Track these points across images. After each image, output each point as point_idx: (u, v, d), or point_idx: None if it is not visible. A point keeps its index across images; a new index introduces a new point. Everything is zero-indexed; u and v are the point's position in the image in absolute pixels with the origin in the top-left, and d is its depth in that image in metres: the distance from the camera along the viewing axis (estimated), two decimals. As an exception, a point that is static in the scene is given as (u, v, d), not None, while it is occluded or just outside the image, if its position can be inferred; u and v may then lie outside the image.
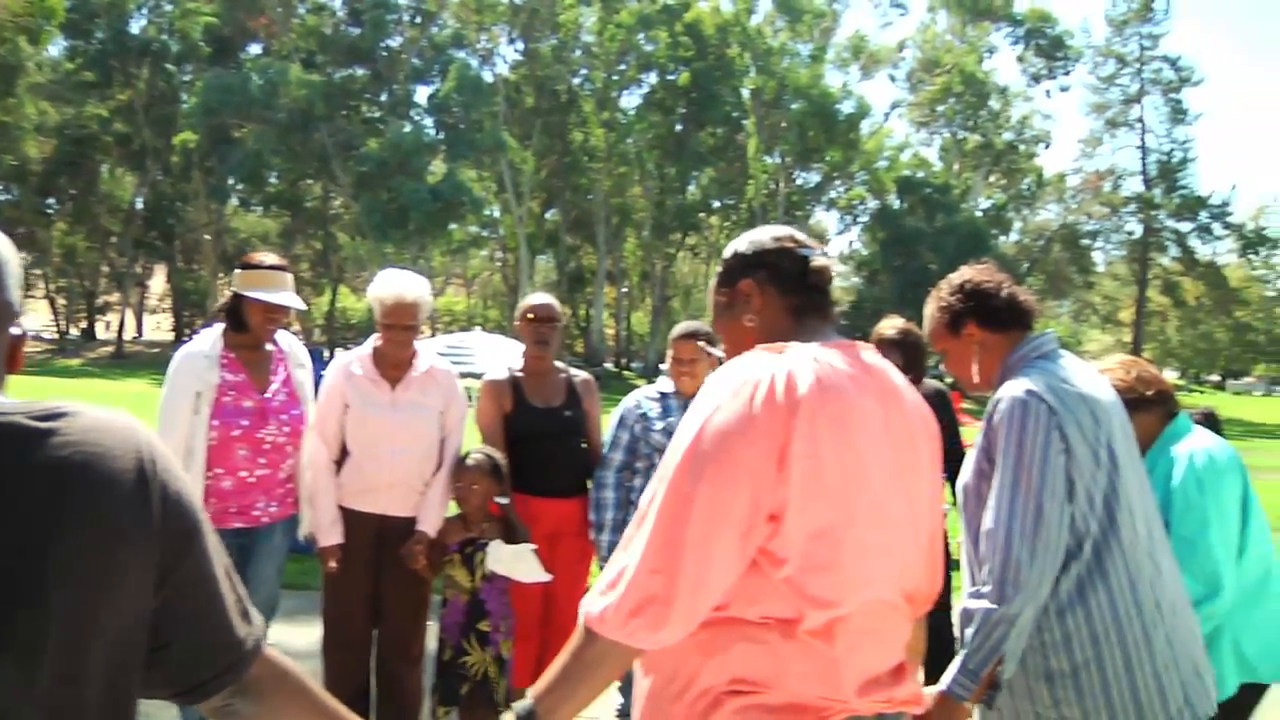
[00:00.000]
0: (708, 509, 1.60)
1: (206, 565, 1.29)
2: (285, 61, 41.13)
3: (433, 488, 4.03)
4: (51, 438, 1.14)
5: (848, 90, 48.67)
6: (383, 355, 4.02)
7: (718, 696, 1.68)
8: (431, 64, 44.81)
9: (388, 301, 3.90)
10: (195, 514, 1.28)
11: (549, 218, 50.96)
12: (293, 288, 3.91)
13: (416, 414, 4.00)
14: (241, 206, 50.99)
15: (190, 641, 1.27)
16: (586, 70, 47.52)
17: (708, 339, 4.19)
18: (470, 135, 41.17)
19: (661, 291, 51.67)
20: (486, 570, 3.96)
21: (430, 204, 38.25)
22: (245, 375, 3.81)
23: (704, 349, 4.04)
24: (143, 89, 44.85)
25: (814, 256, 1.92)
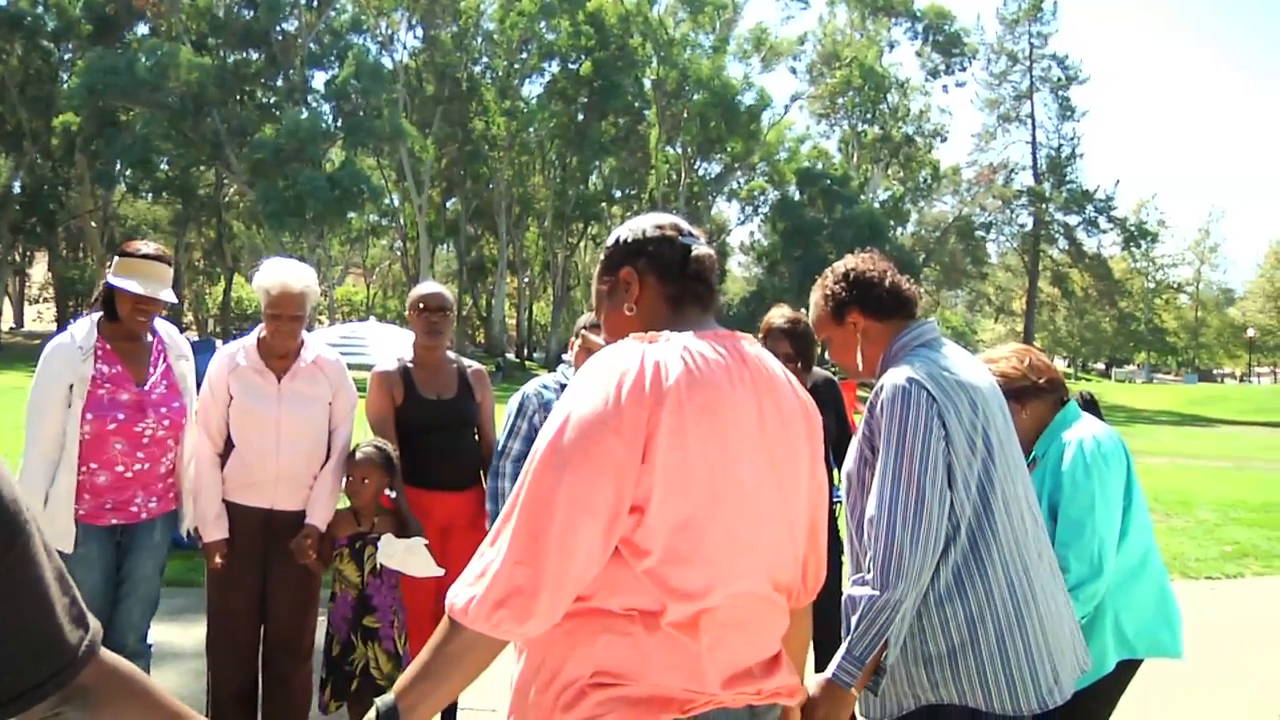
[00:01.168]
0: (571, 500, 1.59)
1: (32, 572, 1.22)
2: (175, 43, 39.89)
3: (321, 480, 3.95)
4: None
5: (749, 82, 49.19)
6: (268, 346, 3.92)
7: (582, 688, 1.67)
8: (329, 49, 44.02)
9: (273, 291, 3.81)
10: (18, 518, 1.21)
11: (450, 207, 50.47)
12: (168, 280, 3.78)
13: (303, 405, 3.92)
14: (130, 193, 49.44)
15: (10, 649, 1.20)
16: (488, 58, 47.20)
17: None
18: (369, 123, 40.51)
19: (563, 281, 51.59)
20: (376, 565, 3.90)
21: (328, 192, 37.55)
22: (122, 367, 3.68)
23: (588, 337, 4.02)
24: (17, 66, 42.94)
25: (695, 246, 1.91)
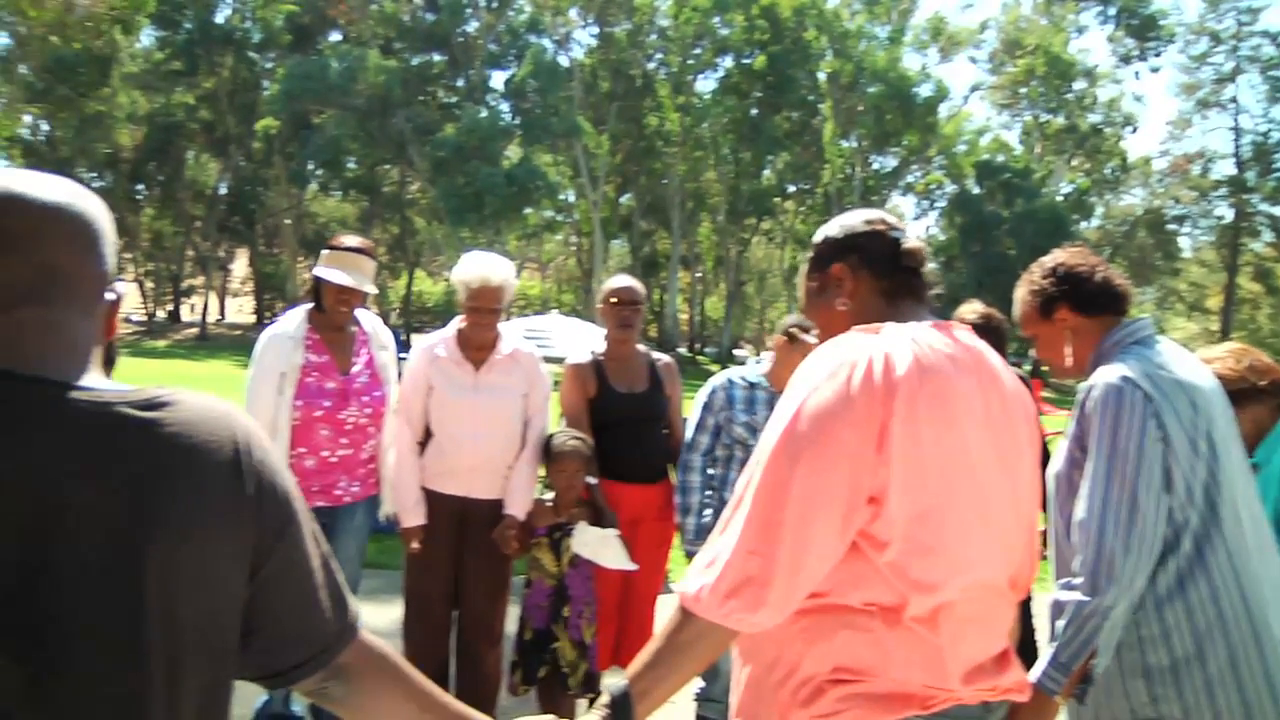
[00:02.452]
0: (805, 491, 1.59)
1: (301, 556, 1.29)
2: (363, 48, 41.59)
3: (518, 471, 4.02)
4: (154, 428, 1.14)
5: (926, 73, 47.93)
6: (466, 338, 4.01)
7: (820, 685, 1.67)
8: (507, 49, 45.01)
9: (473, 284, 3.89)
10: (290, 505, 1.27)
11: (624, 202, 51.00)
12: (369, 272, 3.91)
13: (500, 397, 3.99)
14: (321, 191, 51.85)
15: (281, 629, 1.28)
16: (662, 54, 47.38)
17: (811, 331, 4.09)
18: (546, 120, 41.28)
19: (735, 277, 51.50)
20: (572, 555, 3.96)
21: (505, 189, 38.43)
22: (329, 356, 3.84)
23: (799, 336, 3.97)
24: (226, 77, 45.75)
25: (905, 239, 1.90)
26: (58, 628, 1.06)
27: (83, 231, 1.20)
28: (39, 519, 1.06)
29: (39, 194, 1.17)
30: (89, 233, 1.21)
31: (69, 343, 1.18)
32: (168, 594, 1.11)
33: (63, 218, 1.18)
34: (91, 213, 1.22)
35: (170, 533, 1.11)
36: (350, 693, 1.37)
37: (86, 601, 1.07)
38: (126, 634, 1.09)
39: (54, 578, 1.06)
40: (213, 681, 1.19)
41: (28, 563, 1.05)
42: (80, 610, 1.07)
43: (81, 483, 1.09)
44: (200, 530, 1.14)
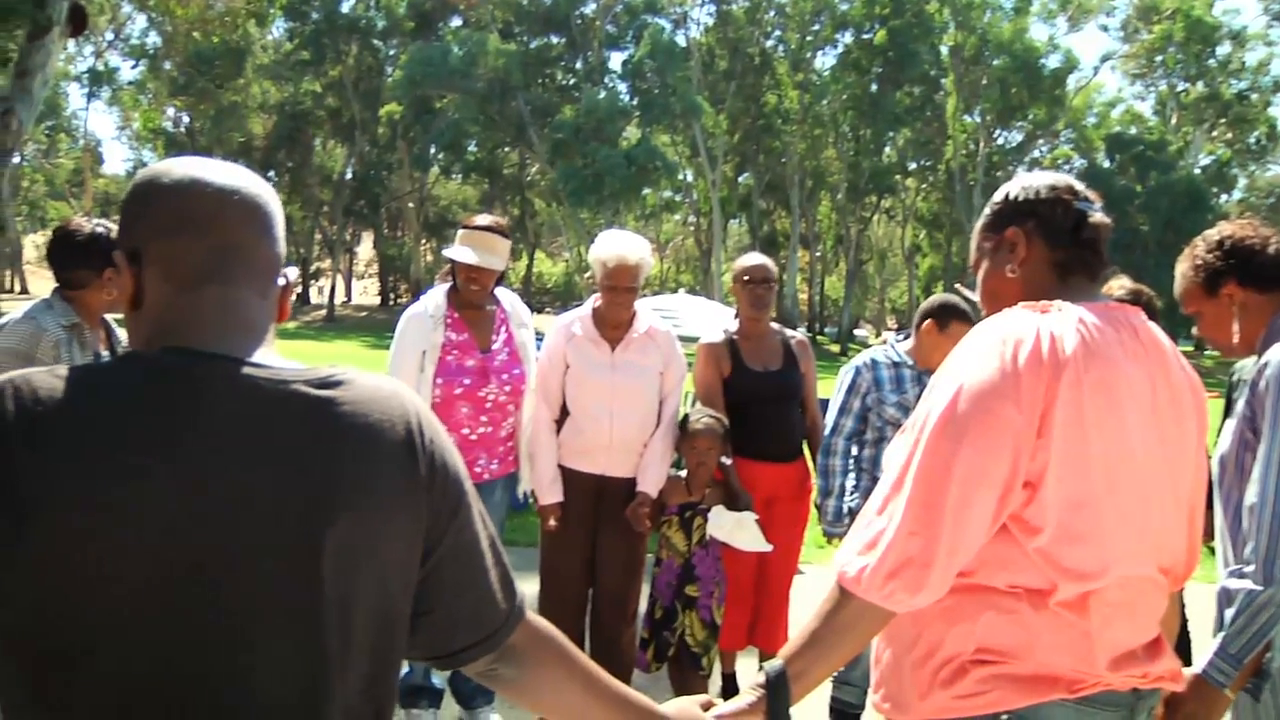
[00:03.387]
0: (968, 471, 1.55)
1: (472, 537, 1.30)
2: (483, 32, 42.12)
3: (652, 448, 4.02)
4: (330, 406, 1.16)
5: (1054, 44, 46.40)
6: (603, 316, 4.02)
7: (963, 664, 1.64)
8: (625, 30, 45.06)
9: (609, 263, 3.89)
10: (461, 485, 1.28)
11: (742, 181, 50.66)
12: (501, 250, 3.92)
13: (636, 375, 3.99)
14: (443, 174, 52.84)
15: (450, 611, 1.29)
16: (780, 31, 46.87)
17: (963, 315, 3.95)
18: (664, 100, 41.24)
19: (855, 255, 50.79)
20: (704, 535, 3.94)
21: (624, 169, 38.56)
22: (468, 334, 3.88)
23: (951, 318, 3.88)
24: (352, 65, 46.97)
25: (1091, 211, 1.80)
26: (239, 604, 1.08)
27: (258, 214, 1.24)
28: (218, 494, 1.08)
29: (218, 179, 1.22)
30: (263, 216, 1.25)
31: (247, 321, 1.21)
32: (343, 573, 1.13)
33: (240, 201, 1.22)
34: (265, 197, 1.26)
35: (347, 512, 1.13)
36: (519, 675, 1.38)
37: (266, 578, 1.09)
38: (305, 612, 1.11)
39: (234, 553, 1.08)
40: (382, 661, 1.20)
41: (210, 538, 1.07)
42: (260, 587, 1.09)
43: (260, 458, 1.11)
44: (376, 510, 1.16)
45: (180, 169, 1.23)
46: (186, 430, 1.09)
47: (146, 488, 1.05)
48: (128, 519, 1.04)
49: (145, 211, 1.21)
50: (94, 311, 3.32)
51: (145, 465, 1.06)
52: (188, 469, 1.07)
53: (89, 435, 1.06)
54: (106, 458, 1.05)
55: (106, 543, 1.04)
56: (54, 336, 3.15)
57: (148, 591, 1.05)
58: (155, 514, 1.05)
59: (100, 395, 1.09)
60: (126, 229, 1.23)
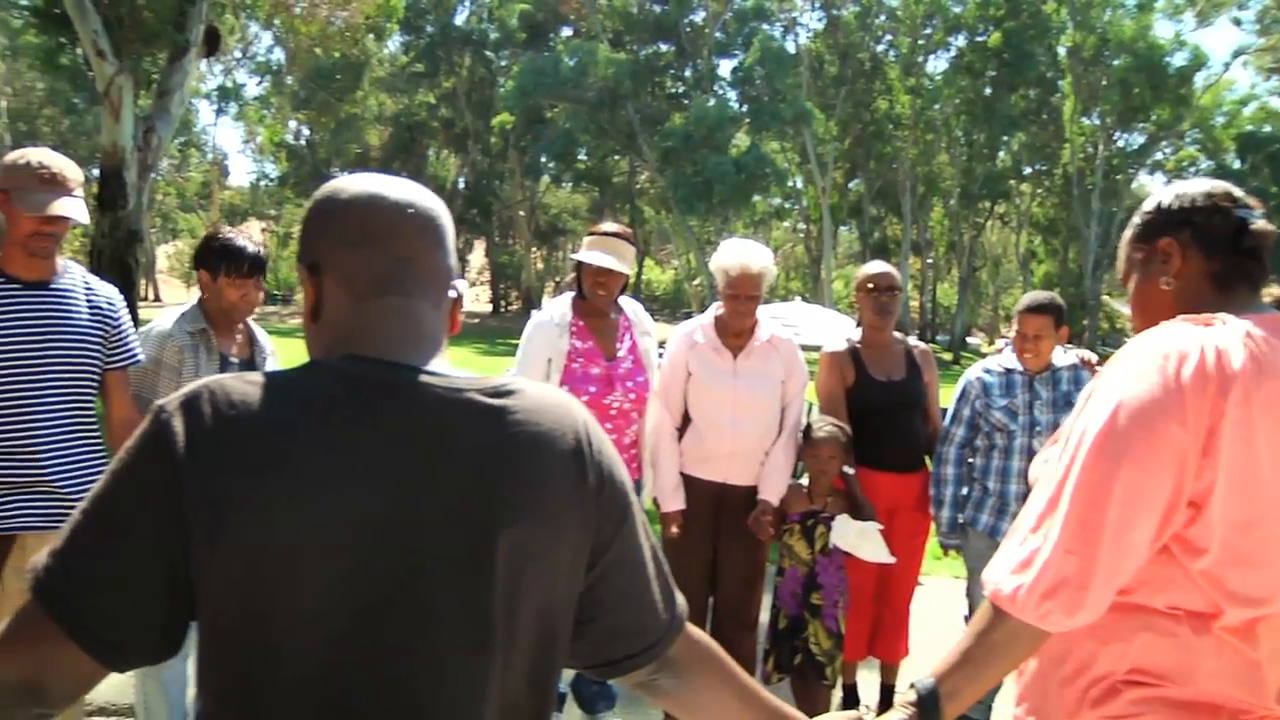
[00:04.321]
0: (1129, 492, 1.50)
1: (636, 547, 1.31)
2: (594, 42, 42.48)
3: (774, 457, 4.03)
4: (503, 414, 1.19)
5: (1180, 41, 44.70)
6: (725, 324, 4.04)
7: (1114, 685, 1.60)
8: (734, 37, 44.97)
9: (732, 272, 3.91)
10: (627, 496, 1.30)
11: (853, 188, 50.11)
12: (628, 256, 3.95)
13: (758, 383, 4.00)
14: (553, 183, 53.42)
15: (614, 621, 1.30)
16: (891, 36, 46.26)
17: (1057, 313, 3.96)
18: (773, 107, 41.01)
19: (969, 262, 49.77)
20: (827, 544, 3.93)
21: (734, 177, 38.43)
22: (593, 342, 3.93)
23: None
24: (465, 76, 47.89)
25: (1253, 219, 1.72)
26: (417, 603, 1.12)
27: (432, 228, 1.29)
28: (399, 497, 1.13)
29: (395, 194, 1.27)
30: (437, 229, 1.30)
31: (422, 331, 1.26)
32: (513, 579, 1.16)
33: (416, 215, 1.27)
34: (438, 211, 1.31)
35: (518, 519, 1.16)
36: (678, 686, 1.39)
37: (442, 580, 1.13)
38: (475, 615, 1.14)
39: (414, 555, 1.12)
40: (543, 666, 1.22)
41: (391, 539, 1.12)
42: (436, 588, 1.13)
43: (437, 465, 1.15)
44: (546, 517, 1.19)
45: (359, 185, 1.28)
46: (370, 435, 1.13)
47: (332, 489, 1.10)
48: (315, 519, 1.09)
49: (326, 226, 1.27)
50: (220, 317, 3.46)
51: (330, 468, 1.11)
52: (371, 472, 1.12)
53: (278, 439, 1.11)
54: (294, 461, 1.10)
55: (295, 542, 1.09)
56: (179, 342, 3.33)
57: (332, 589, 1.10)
58: (340, 515, 1.10)
59: (288, 401, 1.14)
60: (308, 243, 1.29)
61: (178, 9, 14.30)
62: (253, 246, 3.42)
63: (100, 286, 3.13)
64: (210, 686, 1.15)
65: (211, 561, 1.09)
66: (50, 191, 2.87)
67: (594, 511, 1.24)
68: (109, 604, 1.10)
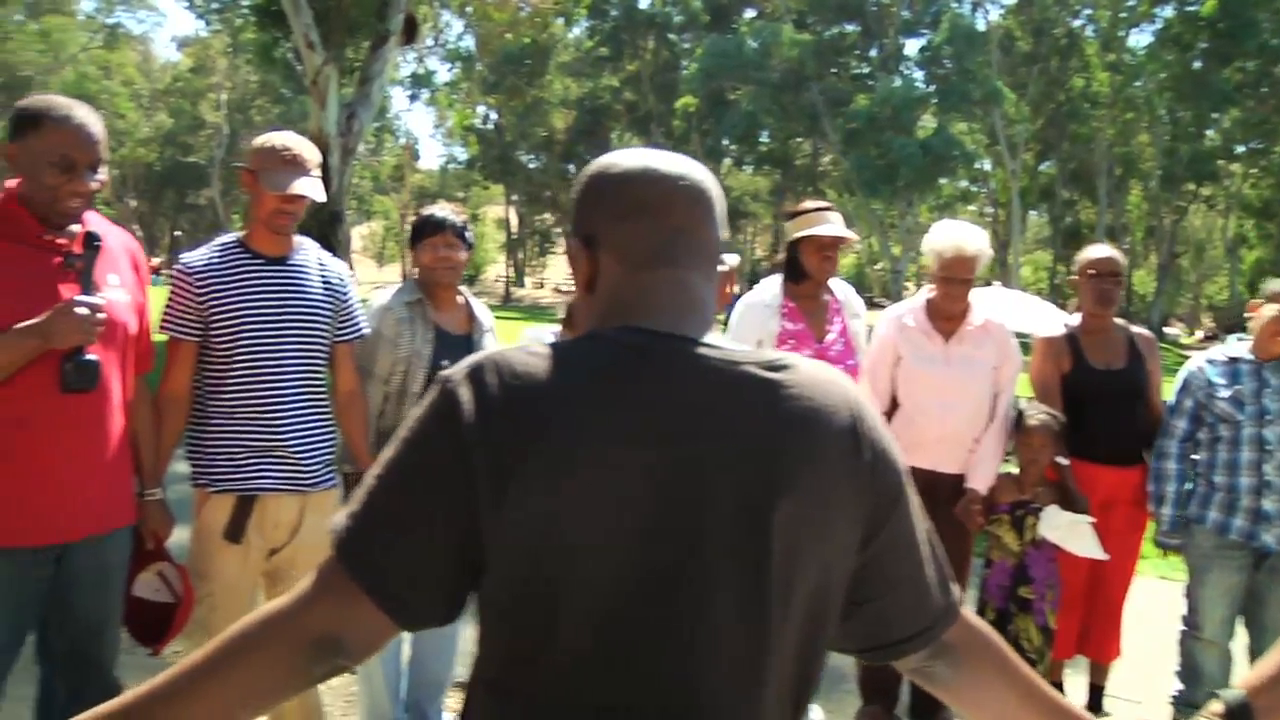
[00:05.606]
0: None
1: (910, 528, 1.29)
2: (778, 23, 42.10)
3: (984, 444, 3.92)
4: (779, 389, 1.19)
5: None
6: (936, 308, 3.95)
7: None
8: (922, 15, 43.82)
9: (946, 254, 3.82)
10: (900, 475, 1.28)
11: (1043, 170, 48.20)
12: (840, 221, 3.93)
13: (969, 368, 3.90)
14: (735, 166, 53.29)
15: (888, 602, 1.28)
16: (1090, 10, 44.14)
17: None
18: (962, 87, 39.78)
19: (1169, 248, 47.15)
20: (1036, 535, 3.81)
21: (920, 159, 37.50)
22: (804, 324, 3.90)
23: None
24: (649, 59, 48.31)
25: None
26: (697, 574, 1.13)
27: (704, 200, 1.30)
28: (680, 467, 1.14)
29: (667, 167, 1.29)
30: (708, 201, 1.30)
31: (695, 302, 1.27)
32: (788, 554, 1.15)
33: (688, 187, 1.28)
34: (708, 184, 1.31)
35: (795, 493, 1.15)
36: (954, 675, 1.34)
37: (719, 557, 1.14)
38: (753, 590, 1.14)
39: (694, 525, 1.13)
40: (812, 645, 1.21)
41: (672, 509, 1.13)
42: (716, 558, 1.13)
43: (717, 436, 1.15)
44: (821, 492, 1.18)
45: (630, 159, 1.30)
46: (650, 405, 1.15)
47: (613, 458, 1.12)
48: (597, 488, 1.11)
49: (600, 199, 1.29)
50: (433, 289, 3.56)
51: (612, 437, 1.13)
52: (651, 442, 1.13)
53: (561, 408, 1.13)
54: (577, 429, 1.12)
55: (577, 510, 1.11)
56: (396, 315, 3.46)
57: (612, 557, 1.12)
58: (622, 484, 1.12)
59: (570, 371, 1.16)
60: (582, 216, 1.31)
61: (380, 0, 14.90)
62: (443, 212, 3.54)
63: (331, 262, 3.29)
64: (492, 655, 1.19)
65: (498, 528, 1.12)
66: (291, 172, 3.02)
67: (868, 489, 1.22)
68: (403, 565, 1.15)
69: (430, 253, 3.49)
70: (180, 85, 54.96)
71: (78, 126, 2.48)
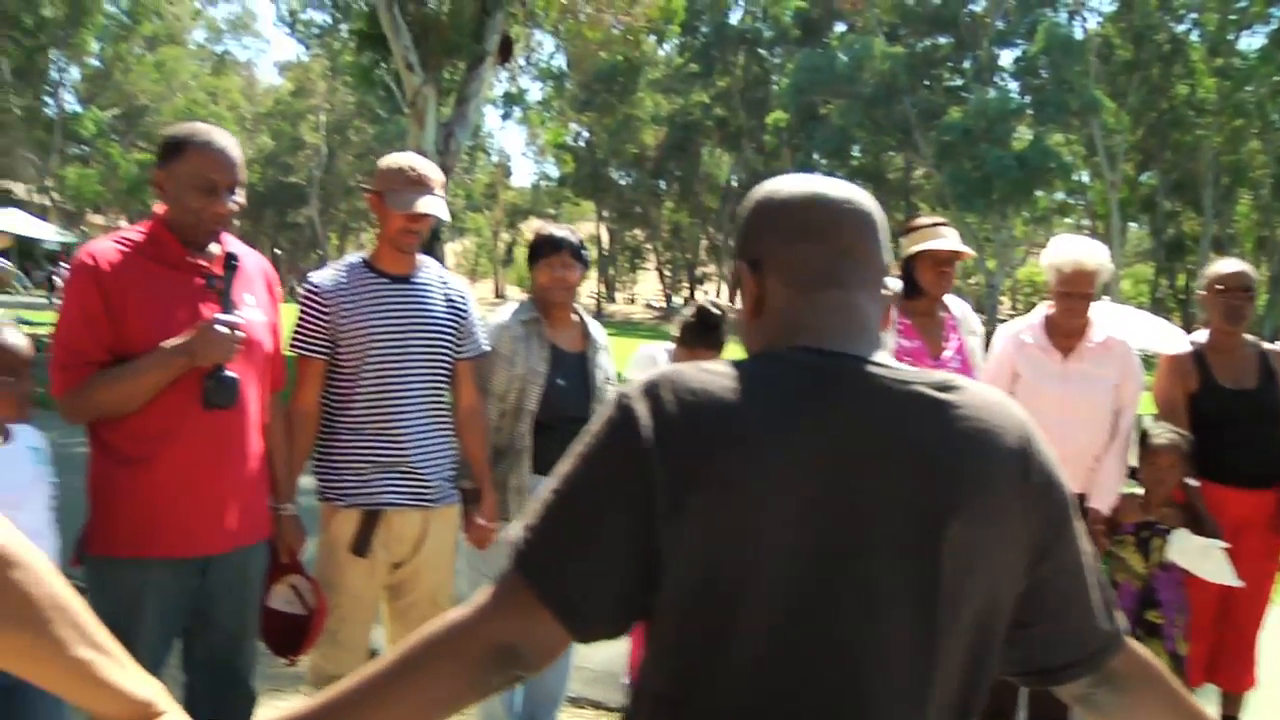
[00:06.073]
0: None
1: (1076, 552, 1.28)
2: (869, 36, 41.81)
3: (1106, 463, 3.83)
4: (950, 409, 1.19)
5: None
6: (1055, 324, 3.87)
7: None
8: (1017, 25, 43.10)
9: (1065, 269, 3.75)
10: (1067, 499, 1.27)
11: (1144, 181, 46.91)
12: (957, 238, 3.88)
13: (1090, 386, 3.82)
14: (827, 179, 53.03)
15: (1053, 626, 1.27)
16: (1195, 14, 42.93)
17: None
18: (1059, 97, 39.00)
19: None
20: (1164, 558, 3.70)
21: (1015, 171, 36.82)
22: (920, 341, 3.86)
23: None
24: (739, 75, 48.36)
25: None
26: (868, 589, 1.14)
27: (869, 223, 1.31)
28: (854, 484, 1.15)
29: (833, 191, 1.31)
30: (873, 224, 1.32)
31: (864, 322, 1.28)
32: (958, 574, 1.15)
33: (854, 210, 1.30)
34: (872, 208, 1.33)
35: (966, 514, 1.15)
36: (1119, 702, 1.32)
37: (891, 573, 1.14)
38: (922, 611, 1.14)
39: (866, 542, 1.14)
40: (977, 667, 1.21)
41: (842, 530, 1.14)
42: (887, 575, 1.14)
43: (892, 454, 1.16)
44: (991, 513, 1.18)
45: (796, 184, 1.33)
46: (824, 423, 1.16)
47: (789, 474, 1.14)
48: (773, 503, 1.13)
49: (767, 224, 1.32)
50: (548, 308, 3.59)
51: (787, 454, 1.14)
52: (825, 458, 1.15)
53: (737, 425, 1.15)
54: (752, 446, 1.14)
55: (754, 525, 1.13)
56: (512, 332, 3.50)
57: (787, 571, 1.13)
58: (797, 499, 1.13)
59: (745, 389, 1.18)
60: (749, 240, 1.34)
61: (477, 21, 15.16)
62: (560, 231, 3.57)
63: (453, 281, 3.35)
64: (663, 668, 1.21)
65: (676, 541, 1.14)
66: (417, 191, 3.09)
67: (1037, 512, 1.22)
68: (581, 578, 1.17)
69: (547, 272, 3.53)
70: (281, 108, 56.64)
71: (218, 150, 2.57)
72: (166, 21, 52.28)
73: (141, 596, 2.55)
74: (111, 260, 2.54)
